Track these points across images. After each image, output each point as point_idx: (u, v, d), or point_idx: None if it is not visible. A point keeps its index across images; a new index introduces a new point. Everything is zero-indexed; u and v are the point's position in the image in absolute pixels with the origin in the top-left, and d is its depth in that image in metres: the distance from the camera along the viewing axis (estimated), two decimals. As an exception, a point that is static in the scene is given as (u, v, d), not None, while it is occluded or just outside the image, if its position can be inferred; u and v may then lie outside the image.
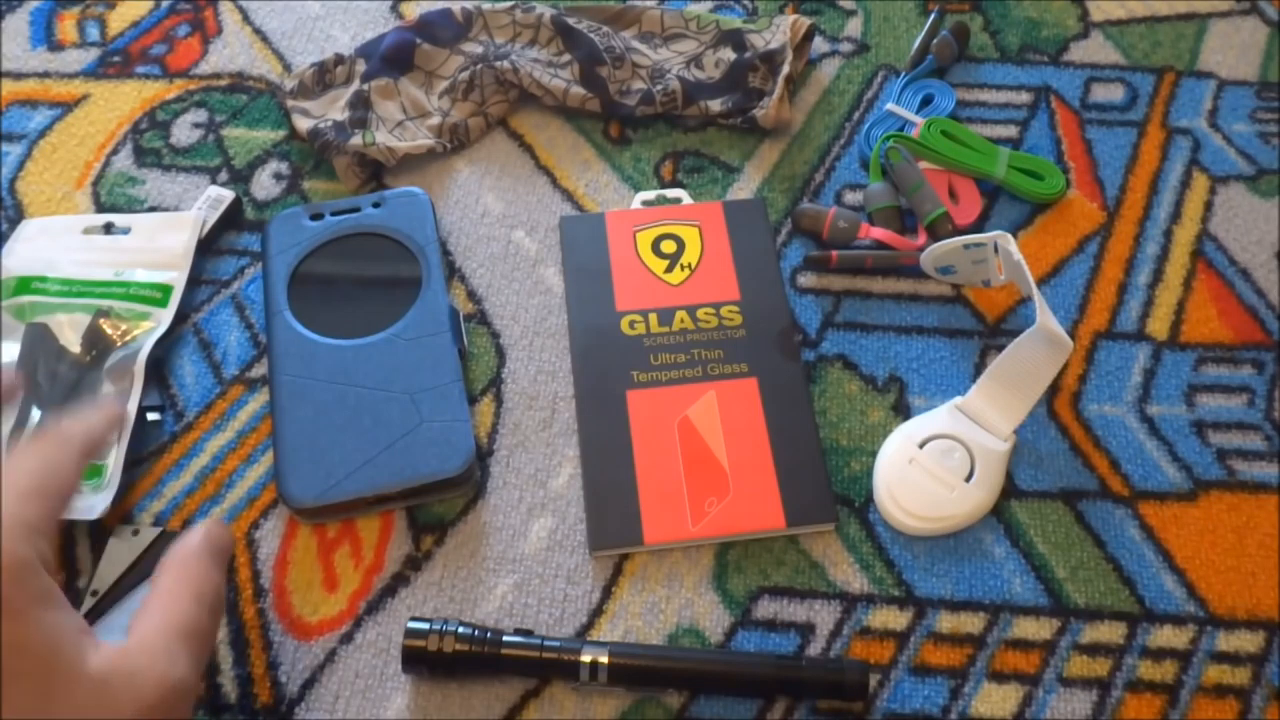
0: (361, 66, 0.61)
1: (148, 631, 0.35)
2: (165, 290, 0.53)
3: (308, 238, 0.54)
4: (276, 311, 0.52)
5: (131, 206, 0.57)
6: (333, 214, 0.55)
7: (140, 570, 0.46)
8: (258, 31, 0.65)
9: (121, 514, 0.48)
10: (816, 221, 0.55)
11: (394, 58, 0.61)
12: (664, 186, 0.58)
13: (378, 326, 0.51)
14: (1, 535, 0.32)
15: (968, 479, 0.47)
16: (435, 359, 0.50)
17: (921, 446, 0.48)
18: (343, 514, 0.47)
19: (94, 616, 0.45)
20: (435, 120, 0.59)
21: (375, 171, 0.58)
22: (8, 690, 0.30)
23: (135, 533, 0.47)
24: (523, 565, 0.47)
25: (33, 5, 0.66)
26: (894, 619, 0.46)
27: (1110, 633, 0.45)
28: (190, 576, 0.37)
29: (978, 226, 0.57)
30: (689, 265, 0.55)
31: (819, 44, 0.64)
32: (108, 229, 0.55)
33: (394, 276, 0.53)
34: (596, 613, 0.46)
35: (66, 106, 0.61)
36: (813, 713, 0.43)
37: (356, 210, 0.55)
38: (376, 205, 0.55)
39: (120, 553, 0.46)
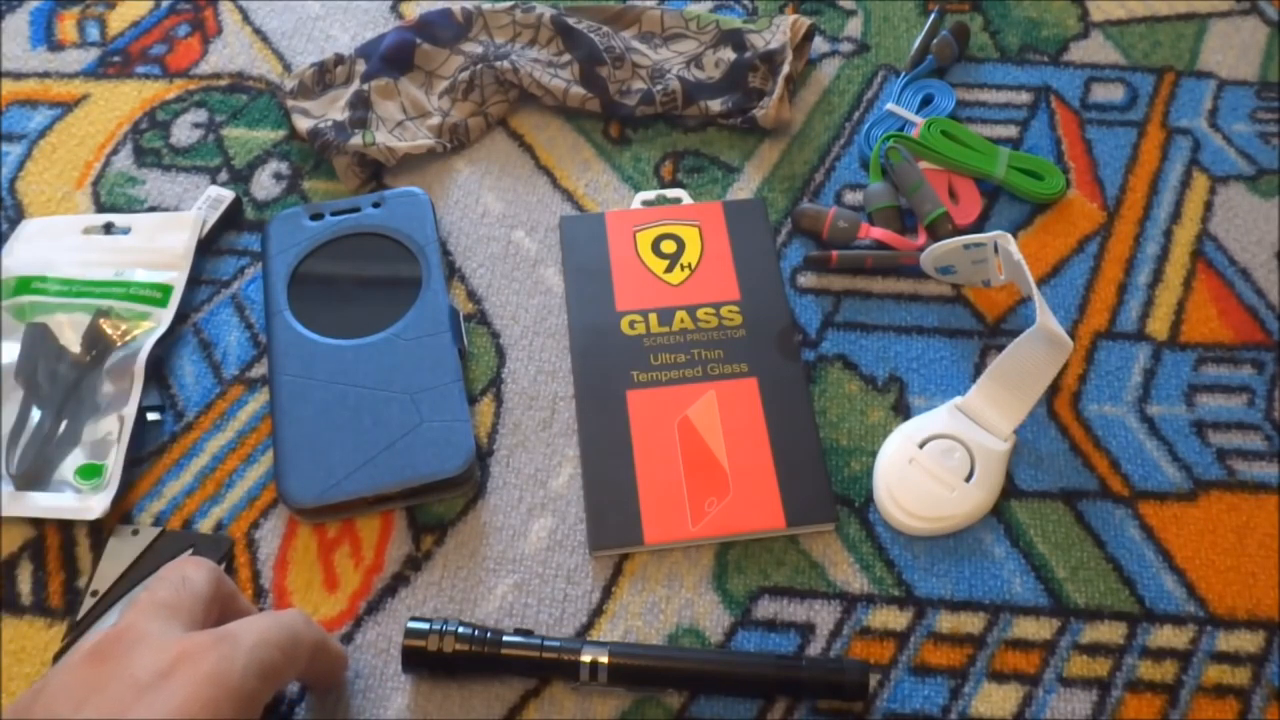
0: (361, 66, 0.61)
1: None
2: (165, 290, 0.53)
3: (307, 238, 0.54)
4: (276, 311, 0.52)
5: (131, 206, 0.57)
6: (332, 214, 0.55)
7: (140, 570, 0.46)
8: (258, 31, 0.65)
9: (121, 514, 0.48)
10: (816, 221, 0.55)
11: (394, 58, 0.61)
12: (664, 186, 0.58)
13: (378, 326, 0.51)
14: (240, 658, 0.34)
15: (968, 479, 0.47)
16: (435, 359, 0.50)
17: (921, 446, 0.48)
18: (343, 514, 0.47)
19: (94, 617, 0.45)
20: (435, 120, 0.59)
21: (375, 171, 0.58)
22: None
23: (135, 533, 0.47)
24: (523, 565, 0.47)
25: (33, 5, 0.66)
26: (894, 619, 0.46)
27: (1110, 633, 0.45)
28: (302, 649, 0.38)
29: (978, 226, 0.57)
30: (689, 265, 0.55)
31: (819, 44, 0.64)
32: (108, 229, 0.55)
33: (394, 276, 0.53)
34: (596, 613, 0.46)
35: (66, 106, 0.61)
36: (813, 713, 0.43)
37: (356, 210, 0.55)
38: (376, 205, 0.55)
39: (120, 552, 0.46)
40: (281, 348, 0.50)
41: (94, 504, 0.47)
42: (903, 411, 0.51)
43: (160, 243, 0.55)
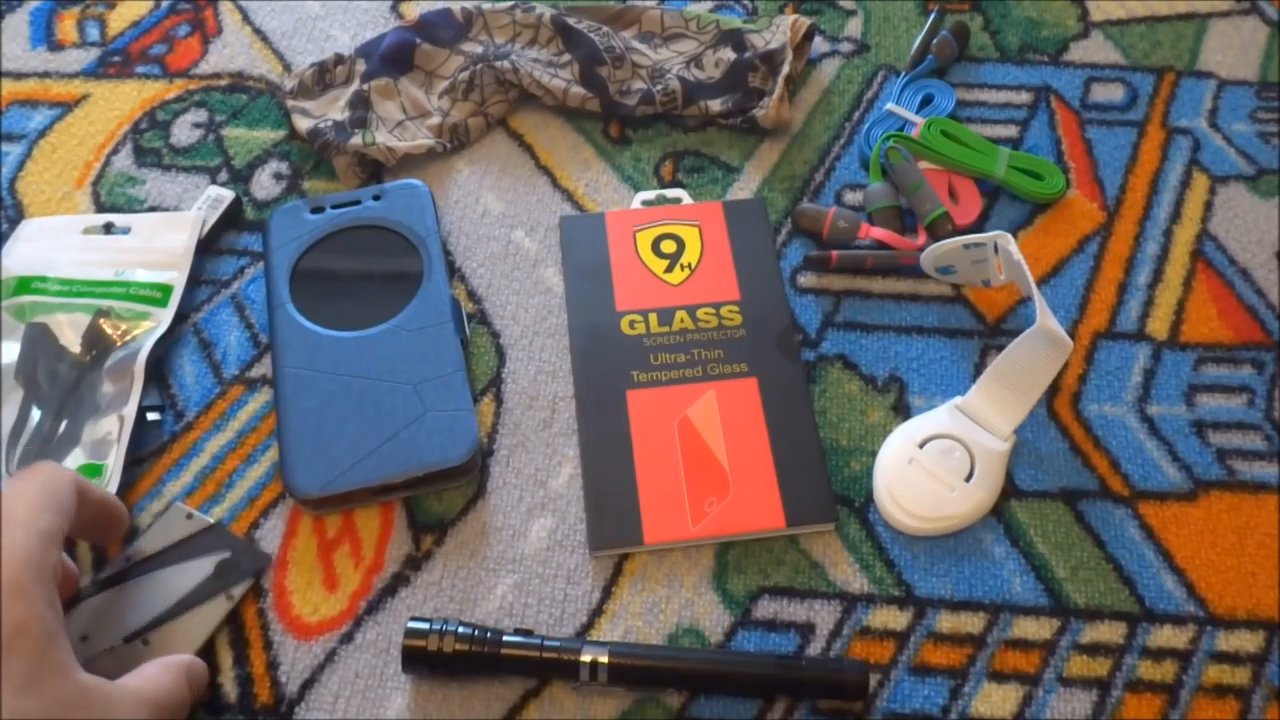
0: (361, 66, 0.61)
1: (127, 683, 0.38)
2: (165, 290, 0.53)
3: (309, 231, 0.54)
4: (279, 305, 0.52)
5: (131, 206, 0.57)
6: (333, 207, 0.55)
7: (180, 552, 0.46)
8: (258, 31, 0.65)
9: (121, 514, 0.48)
10: (816, 221, 0.55)
11: (394, 58, 0.61)
12: (664, 186, 0.58)
13: (380, 318, 0.51)
14: (19, 534, 0.36)
15: (968, 479, 0.47)
16: (438, 349, 0.50)
17: (921, 446, 0.48)
18: (348, 504, 0.48)
19: (119, 579, 0.45)
20: (435, 120, 0.59)
21: (375, 171, 0.58)
22: (3, 663, 0.33)
23: (189, 516, 0.47)
24: (523, 565, 0.47)
25: (33, 5, 0.66)
26: (894, 619, 0.46)
27: (1110, 633, 0.45)
28: (170, 676, 0.40)
29: (978, 226, 0.57)
30: (689, 265, 0.55)
31: (819, 44, 0.64)
32: (108, 229, 0.55)
33: (395, 268, 0.53)
34: (596, 613, 0.46)
35: (66, 106, 0.61)
36: (813, 713, 0.43)
37: (357, 203, 0.55)
38: (377, 198, 0.55)
39: (168, 529, 0.46)
40: (285, 340, 0.51)
41: (94, 504, 0.47)
42: (903, 411, 0.51)
43: (160, 243, 0.55)
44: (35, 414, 0.49)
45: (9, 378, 0.50)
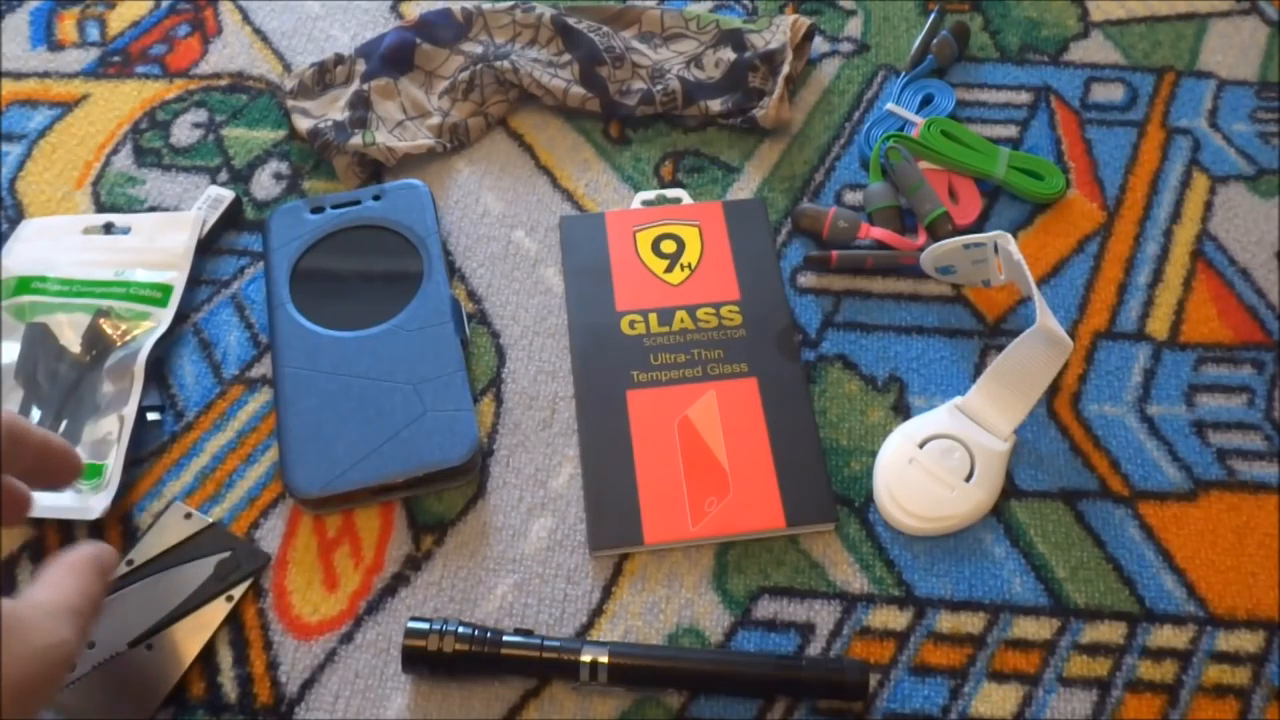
0: (361, 66, 0.61)
1: (38, 598, 0.36)
2: (165, 290, 0.53)
3: (309, 231, 0.54)
4: (279, 304, 0.52)
5: (131, 206, 0.57)
6: (333, 207, 0.55)
7: (180, 554, 0.46)
8: (258, 31, 0.65)
9: (121, 514, 0.48)
10: (816, 221, 0.55)
11: (394, 58, 0.61)
12: (664, 186, 0.58)
13: (380, 318, 0.51)
14: None
15: (968, 479, 0.47)
16: (438, 349, 0.50)
17: (921, 446, 0.48)
18: (348, 504, 0.48)
19: (124, 584, 0.45)
20: (435, 120, 0.59)
21: (375, 171, 0.58)
22: None
23: (188, 516, 0.47)
24: (523, 565, 0.47)
25: (33, 5, 0.66)
26: (894, 619, 0.46)
27: (1110, 633, 0.45)
28: (78, 576, 0.38)
29: (978, 226, 0.57)
30: (689, 265, 0.55)
31: (819, 44, 0.64)
32: (108, 229, 0.55)
33: (395, 268, 0.53)
34: (596, 613, 0.46)
35: (66, 106, 0.61)
36: (813, 713, 0.43)
37: (357, 203, 0.55)
38: (377, 198, 0.55)
39: (169, 530, 0.47)
40: (285, 340, 0.51)
41: (94, 504, 0.47)
42: (903, 411, 0.51)
43: (160, 243, 0.55)
44: (35, 414, 0.49)
45: (9, 378, 0.50)
